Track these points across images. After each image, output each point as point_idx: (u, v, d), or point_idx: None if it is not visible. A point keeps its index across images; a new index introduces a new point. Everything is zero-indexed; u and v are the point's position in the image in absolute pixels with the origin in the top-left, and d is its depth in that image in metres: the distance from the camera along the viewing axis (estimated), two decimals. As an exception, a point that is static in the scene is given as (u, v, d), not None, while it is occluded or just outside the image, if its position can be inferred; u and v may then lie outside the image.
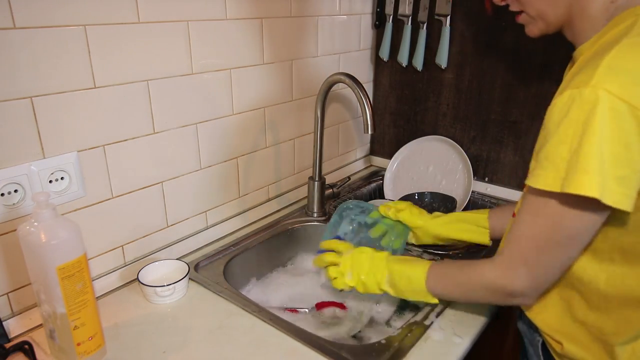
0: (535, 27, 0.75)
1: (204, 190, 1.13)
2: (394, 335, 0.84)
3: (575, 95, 0.58)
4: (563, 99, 0.59)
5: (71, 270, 0.71)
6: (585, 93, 0.57)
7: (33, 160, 0.81)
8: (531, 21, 0.75)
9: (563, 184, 0.58)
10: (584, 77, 0.58)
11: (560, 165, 0.59)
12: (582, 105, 0.57)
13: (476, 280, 0.75)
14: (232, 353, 0.81)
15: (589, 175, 0.56)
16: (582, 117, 0.57)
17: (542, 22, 0.73)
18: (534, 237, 0.66)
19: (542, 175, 0.61)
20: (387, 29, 1.50)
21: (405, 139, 1.55)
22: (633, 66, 0.57)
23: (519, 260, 0.68)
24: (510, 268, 0.70)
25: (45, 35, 0.78)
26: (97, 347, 0.78)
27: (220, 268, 1.06)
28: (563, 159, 0.58)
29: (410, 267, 0.84)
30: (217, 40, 1.05)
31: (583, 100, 0.57)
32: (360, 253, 0.91)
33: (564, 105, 0.59)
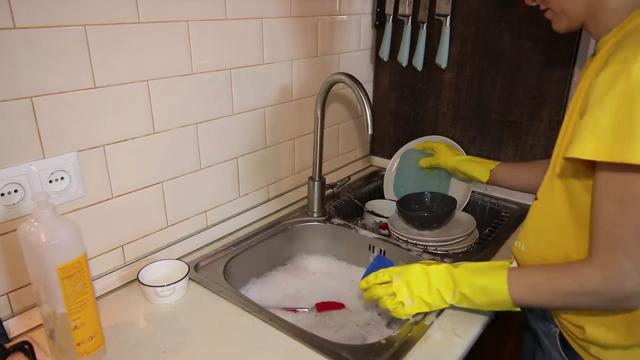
0: (560, 23, 0.78)
1: (204, 190, 1.13)
2: (394, 335, 0.84)
3: (622, 70, 0.59)
4: (606, 74, 0.60)
5: (71, 270, 0.71)
6: (633, 68, 0.58)
7: (33, 160, 0.81)
8: (556, 17, 0.78)
9: (612, 154, 0.58)
10: (627, 53, 0.60)
11: (602, 134, 0.59)
12: (630, 81, 0.58)
13: (577, 286, 0.68)
14: (232, 353, 0.81)
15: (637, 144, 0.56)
16: (630, 92, 0.58)
17: (565, 18, 0.76)
18: (628, 225, 0.62)
19: (579, 146, 0.61)
20: (387, 29, 1.50)
21: (405, 139, 1.55)
22: None
23: (624, 255, 0.63)
24: (615, 266, 0.64)
25: (45, 35, 0.78)
26: (97, 347, 0.78)
27: (220, 268, 1.06)
28: (606, 129, 0.59)
29: (484, 278, 0.78)
30: (217, 40, 1.05)
31: (631, 75, 0.58)
32: (414, 273, 0.83)
33: (608, 80, 0.60)
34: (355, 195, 1.49)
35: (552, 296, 0.72)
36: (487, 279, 0.78)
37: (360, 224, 1.39)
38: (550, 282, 0.72)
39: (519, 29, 1.28)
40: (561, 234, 0.76)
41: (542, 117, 1.30)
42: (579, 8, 0.74)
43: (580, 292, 0.69)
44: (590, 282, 0.67)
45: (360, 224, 1.39)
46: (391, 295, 0.84)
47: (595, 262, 0.66)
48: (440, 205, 1.34)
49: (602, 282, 0.65)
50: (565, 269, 0.71)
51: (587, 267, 0.68)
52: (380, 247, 1.19)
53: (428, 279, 0.83)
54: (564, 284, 0.70)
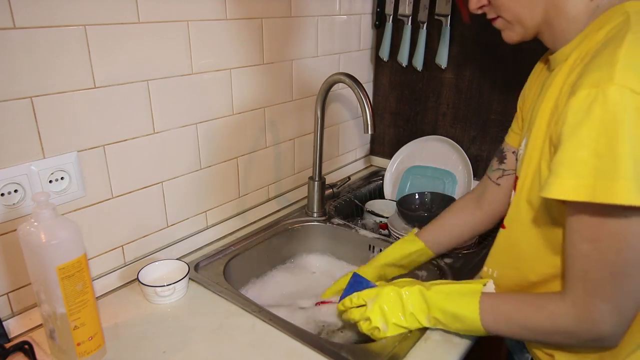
0: (513, 33, 0.72)
1: (204, 190, 1.13)
2: (394, 335, 0.84)
3: (597, 94, 0.52)
4: (579, 100, 0.54)
5: (71, 270, 0.71)
6: (609, 92, 0.52)
7: (33, 160, 0.81)
8: (508, 26, 0.72)
9: (594, 194, 0.52)
10: (600, 75, 0.54)
11: (582, 171, 0.53)
12: (607, 106, 0.51)
13: (549, 324, 0.66)
14: (232, 353, 0.81)
15: (627, 182, 0.51)
16: (607, 119, 0.51)
17: (519, 27, 0.70)
18: (602, 264, 0.58)
19: (557, 184, 0.55)
20: (387, 29, 1.50)
21: (405, 139, 1.55)
22: None
23: (598, 296, 0.60)
24: (591, 309, 0.60)
25: (45, 35, 0.78)
26: (97, 347, 0.78)
27: (220, 268, 1.06)
28: (586, 164, 0.53)
29: (457, 305, 0.75)
30: (217, 40, 1.05)
31: (607, 100, 0.52)
32: (387, 297, 0.80)
33: (582, 106, 0.53)
34: (355, 195, 1.49)
35: (523, 330, 0.70)
36: (459, 306, 0.74)
37: (360, 224, 1.39)
38: (522, 317, 0.69)
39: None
40: (535, 262, 0.72)
41: (542, 117, 1.30)
42: (536, 16, 0.67)
43: (552, 331, 0.66)
44: (562, 321, 0.64)
45: (360, 224, 1.39)
46: (366, 320, 0.82)
47: (568, 301, 0.63)
48: (440, 205, 1.33)
49: (575, 323, 0.63)
50: (538, 304, 0.68)
51: (560, 306, 0.64)
52: (380, 248, 1.19)
53: (402, 302, 0.79)
54: (536, 321, 0.67)
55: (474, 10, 0.74)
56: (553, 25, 0.67)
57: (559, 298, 0.65)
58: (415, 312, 0.79)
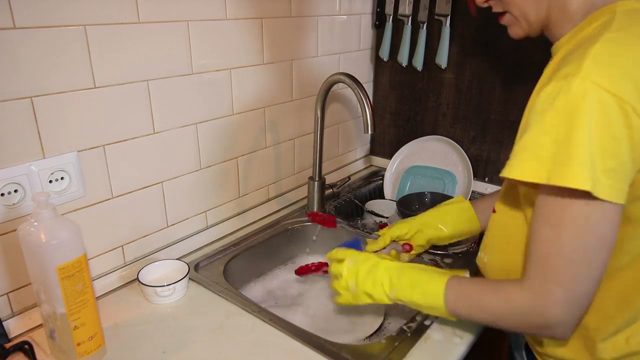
0: (519, 28, 0.74)
1: (204, 190, 1.13)
2: (394, 335, 0.84)
3: (563, 86, 0.56)
4: (548, 90, 0.58)
5: (71, 270, 0.71)
6: (573, 84, 0.55)
7: (33, 160, 0.81)
8: (515, 22, 0.74)
9: (549, 176, 0.56)
10: (570, 69, 0.57)
11: (542, 155, 0.57)
12: (569, 96, 0.55)
13: (505, 305, 0.66)
14: (232, 353, 0.81)
15: (580, 168, 0.54)
16: (569, 108, 0.55)
17: (525, 22, 0.72)
18: (561, 250, 0.59)
19: (519, 166, 0.59)
20: (387, 29, 1.50)
21: (405, 139, 1.55)
22: (619, 60, 0.57)
23: (553, 280, 0.60)
24: (545, 292, 0.61)
25: (45, 35, 0.78)
26: (97, 347, 0.78)
27: (220, 268, 1.06)
28: (546, 149, 0.57)
29: (424, 281, 0.76)
30: (217, 40, 1.05)
31: (571, 91, 0.55)
32: (364, 263, 0.82)
33: (549, 96, 0.58)
34: (355, 195, 1.49)
35: (481, 313, 0.70)
36: (426, 281, 0.75)
37: (360, 224, 1.39)
38: (481, 299, 0.69)
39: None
40: (520, 246, 0.73)
41: (542, 117, 1.30)
42: (541, 12, 0.69)
43: (506, 313, 0.66)
44: (517, 304, 0.64)
45: (360, 224, 1.39)
46: (339, 276, 0.83)
47: (525, 284, 0.64)
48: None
49: (528, 306, 0.63)
50: (498, 286, 0.69)
51: (516, 289, 0.65)
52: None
53: (375, 272, 0.80)
54: (493, 301, 0.68)
55: (481, 3, 0.76)
56: (555, 21, 0.70)
57: (518, 282, 0.66)
58: (384, 284, 0.79)
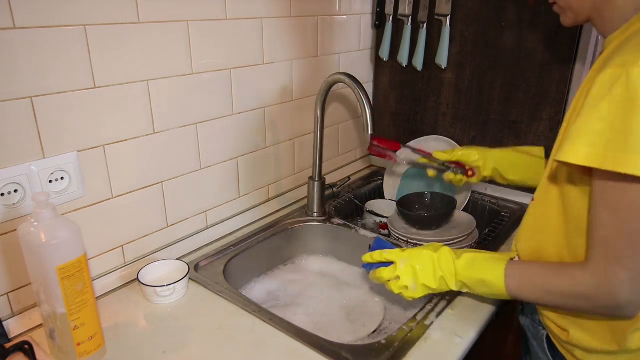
0: (567, 17, 0.77)
1: (204, 190, 1.13)
2: (394, 335, 0.84)
3: (621, 73, 0.57)
4: (605, 77, 0.58)
5: (71, 270, 0.71)
6: (633, 73, 0.56)
7: (33, 160, 0.81)
8: (562, 11, 0.77)
9: (604, 162, 0.57)
10: (628, 57, 0.58)
11: (596, 140, 0.58)
12: (629, 84, 0.56)
13: (569, 289, 0.68)
14: (232, 353, 0.81)
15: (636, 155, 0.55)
16: (627, 96, 0.56)
17: (571, 13, 0.75)
18: (622, 233, 0.61)
19: (572, 150, 0.60)
20: (387, 29, 1.50)
21: (405, 139, 1.55)
22: None
23: (617, 263, 0.62)
24: (610, 275, 0.63)
25: (45, 35, 0.78)
26: (97, 347, 0.78)
27: (220, 268, 1.06)
28: (600, 135, 0.57)
29: (483, 269, 0.78)
30: (217, 40, 1.05)
31: (630, 79, 0.56)
32: (421, 258, 0.83)
33: (606, 83, 0.58)
34: (355, 195, 1.49)
35: (546, 295, 0.72)
36: (485, 271, 0.78)
37: (360, 224, 1.39)
38: (545, 282, 0.72)
39: (518, 29, 1.28)
40: (553, 236, 0.76)
41: (542, 117, 1.30)
42: (585, 5, 0.73)
43: (572, 295, 0.68)
44: (582, 286, 0.66)
45: (360, 224, 1.39)
46: (396, 279, 0.84)
47: (589, 267, 0.66)
48: (440, 205, 1.34)
49: (594, 289, 0.65)
50: (561, 269, 0.71)
51: (581, 271, 0.67)
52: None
53: (433, 265, 0.82)
54: (558, 285, 0.70)
55: None
56: (603, 13, 0.72)
57: (581, 264, 0.68)
58: (445, 276, 0.82)
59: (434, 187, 1.42)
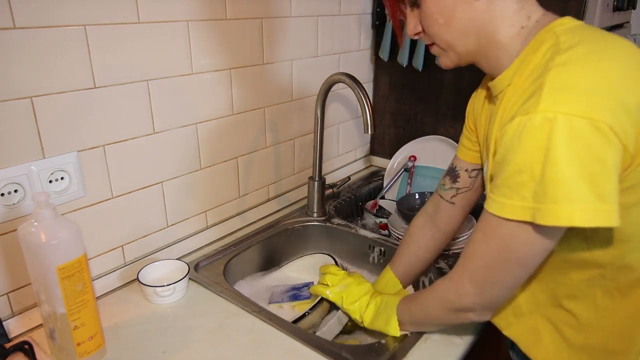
0: (448, 59, 0.73)
1: (204, 190, 1.13)
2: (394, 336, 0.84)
3: (525, 121, 0.55)
4: (513, 126, 0.56)
5: (71, 270, 0.71)
6: (535, 119, 0.54)
7: (33, 160, 0.81)
8: (443, 53, 0.73)
9: (534, 215, 0.56)
10: (529, 104, 0.56)
11: (525, 194, 0.56)
12: (534, 132, 0.54)
13: (431, 294, 0.76)
14: (232, 353, 0.81)
15: (562, 205, 0.53)
16: (538, 144, 0.54)
17: (453, 54, 0.71)
18: (482, 255, 0.66)
19: (508, 205, 0.58)
20: (387, 29, 1.50)
21: (405, 139, 1.55)
22: (577, 80, 0.55)
23: (467, 276, 0.68)
24: (459, 283, 0.70)
25: (45, 35, 0.78)
26: (97, 347, 0.78)
27: (220, 268, 1.06)
28: (526, 188, 0.56)
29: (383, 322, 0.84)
30: (217, 40, 1.05)
31: (534, 126, 0.54)
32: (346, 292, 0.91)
33: (515, 133, 0.56)
34: (355, 195, 1.49)
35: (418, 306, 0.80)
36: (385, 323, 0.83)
37: (360, 224, 1.39)
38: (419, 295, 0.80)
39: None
40: None
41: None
42: (468, 44, 0.68)
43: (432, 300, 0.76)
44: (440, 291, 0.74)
45: (360, 224, 1.39)
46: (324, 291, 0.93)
47: (450, 275, 0.73)
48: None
49: (447, 290, 0.72)
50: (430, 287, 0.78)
51: (442, 279, 0.75)
52: (380, 248, 1.19)
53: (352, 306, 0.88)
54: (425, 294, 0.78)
55: (411, 36, 0.75)
56: (487, 54, 0.69)
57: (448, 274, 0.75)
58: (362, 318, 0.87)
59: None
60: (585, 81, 0.55)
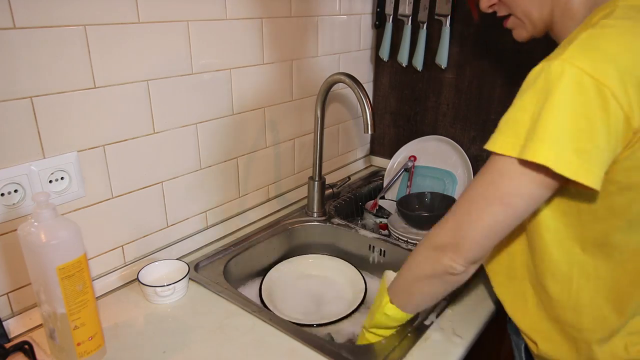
0: (524, 30, 0.74)
1: (204, 190, 1.13)
2: (394, 335, 0.84)
3: (545, 67, 0.58)
4: (535, 70, 0.60)
5: (71, 270, 0.71)
6: (553, 65, 0.57)
7: (33, 160, 0.81)
8: (519, 24, 0.74)
9: (521, 151, 0.58)
10: (556, 52, 0.59)
11: (520, 131, 0.58)
12: (548, 75, 0.57)
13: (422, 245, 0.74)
14: (232, 353, 0.81)
15: (544, 144, 0.55)
16: (546, 87, 0.57)
17: (529, 23, 0.73)
18: (470, 190, 0.66)
19: (500, 140, 0.60)
20: (387, 29, 1.50)
21: (405, 139, 1.55)
22: (606, 45, 0.57)
23: (450, 212, 0.68)
24: (443, 218, 0.69)
25: (45, 35, 0.78)
26: (97, 347, 0.78)
27: (220, 268, 1.06)
28: (523, 125, 0.58)
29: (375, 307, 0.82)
30: (217, 40, 1.05)
31: (550, 71, 0.57)
32: None
33: (532, 76, 0.60)
34: (355, 195, 1.49)
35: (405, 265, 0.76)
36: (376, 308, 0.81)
37: (360, 224, 1.39)
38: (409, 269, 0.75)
39: (519, 29, 1.28)
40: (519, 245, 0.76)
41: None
42: (544, 13, 0.70)
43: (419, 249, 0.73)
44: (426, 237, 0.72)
45: (360, 224, 1.39)
46: None
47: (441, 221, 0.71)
48: (440, 205, 1.34)
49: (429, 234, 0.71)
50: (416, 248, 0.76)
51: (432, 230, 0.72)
52: (381, 248, 1.19)
53: None
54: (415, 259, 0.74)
55: (485, 9, 0.76)
56: (557, 22, 0.70)
57: None
58: None
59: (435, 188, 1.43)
60: (610, 49, 0.57)
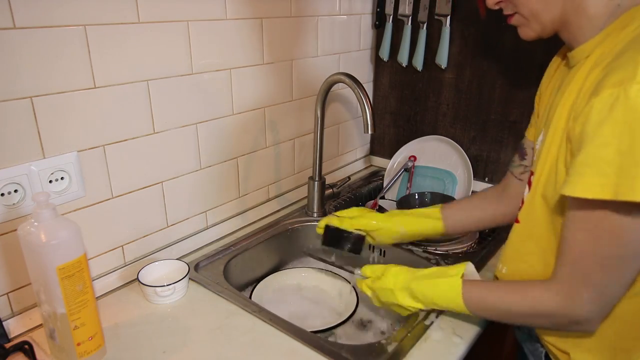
0: (530, 29, 0.72)
1: (204, 190, 1.13)
2: (394, 335, 0.84)
3: (618, 93, 0.53)
4: (603, 99, 0.54)
5: (71, 270, 0.71)
6: (631, 90, 0.52)
7: (33, 160, 0.81)
8: (525, 22, 0.71)
9: (617, 191, 0.53)
10: (623, 74, 0.54)
11: (606, 169, 0.53)
12: (629, 103, 0.52)
13: (532, 309, 0.68)
14: (232, 353, 0.81)
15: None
16: (630, 117, 0.52)
17: (536, 23, 0.70)
18: (595, 255, 0.60)
19: (582, 183, 0.55)
20: (387, 29, 1.50)
21: (405, 139, 1.55)
22: None
23: (583, 283, 0.63)
24: (574, 294, 0.63)
25: (45, 35, 0.78)
26: (97, 347, 0.78)
27: (220, 268, 1.06)
28: (610, 163, 0.53)
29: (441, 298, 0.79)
30: (217, 40, 1.05)
31: (629, 98, 0.52)
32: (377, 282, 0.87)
33: (605, 105, 0.54)
34: (355, 195, 1.49)
35: (507, 315, 0.73)
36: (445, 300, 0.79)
37: (360, 224, 1.39)
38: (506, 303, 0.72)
39: (519, 29, 1.28)
40: (543, 256, 0.74)
41: (542, 117, 1.30)
42: (553, 14, 0.67)
43: (536, 315, 0.69)
44: (544, 305, 0.67)
45: (360, 224, 1.39)
46: None
47: (554, 285, 0.66)
48: (440, 205, 1.34)
49: (556, 308, 0.66)
50: (521, 290, 0.71)
51: (544, 290, 0.67)
52: (381, 248, 1.19)
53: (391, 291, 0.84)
54: (520, 306, 0.70)
55: (492, 5, 0.74)
56: (571, 23, 0.67)
57: (544, 283, 0.68)
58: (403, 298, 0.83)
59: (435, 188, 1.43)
60: None
